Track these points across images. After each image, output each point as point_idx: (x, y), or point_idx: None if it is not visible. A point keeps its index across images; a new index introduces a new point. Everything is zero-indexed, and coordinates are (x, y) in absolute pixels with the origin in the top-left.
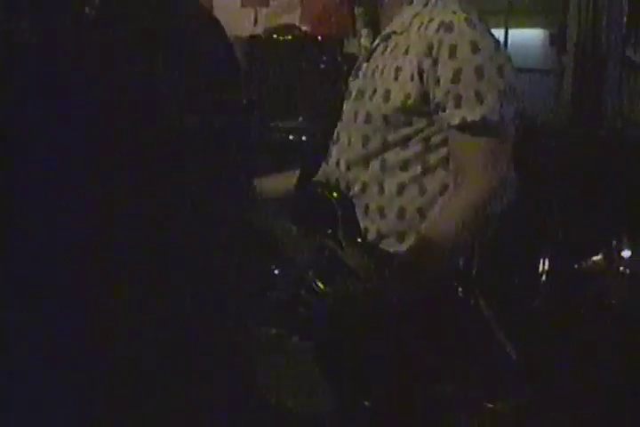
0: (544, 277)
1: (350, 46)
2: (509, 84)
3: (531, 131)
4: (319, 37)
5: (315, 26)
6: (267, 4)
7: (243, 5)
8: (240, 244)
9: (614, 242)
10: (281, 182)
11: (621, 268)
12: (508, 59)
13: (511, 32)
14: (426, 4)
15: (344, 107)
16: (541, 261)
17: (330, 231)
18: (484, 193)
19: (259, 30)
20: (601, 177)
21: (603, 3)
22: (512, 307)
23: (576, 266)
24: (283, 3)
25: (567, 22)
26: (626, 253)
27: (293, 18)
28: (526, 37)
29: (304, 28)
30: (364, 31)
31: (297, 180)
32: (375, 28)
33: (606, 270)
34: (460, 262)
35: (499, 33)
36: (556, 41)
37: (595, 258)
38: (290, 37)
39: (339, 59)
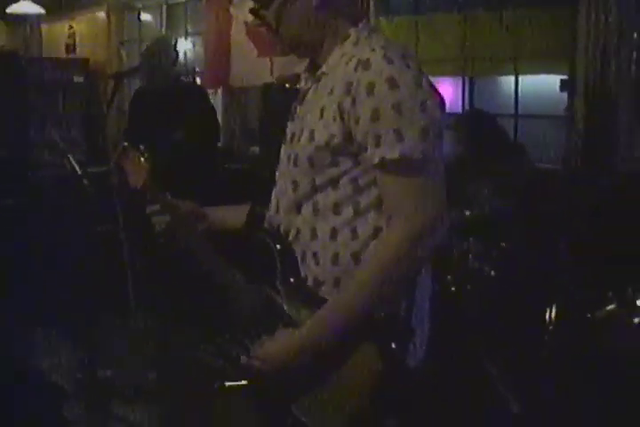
0: (551, 327)
1: None
2: (433, 120)
3: (542, 176)
4: None
5: None
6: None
7: (258, 55)
8: None
9: (629, 290)
10: (232, 217)
11: (637, 318)
12: (432, 94)
13: (522, 78)
14: (355, 44)
15: (281, 152)
16: (548, 311)
17: (271, 278)
18: (411, 235)
19: (274, 79)
20: (614, 222)
21: (610, 46)
22: (518, 357)
23: (588, 315)
24: None
25: (576, 67)
26: None
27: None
28: (537, 83)
29: None
30: (304, 75)
31: (244, 224)
32: (312, 71)
33: (620, 320)
34: (403, 306)
35: (509, 80)
36: (567, 86)
37: (608, 307)
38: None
39: None
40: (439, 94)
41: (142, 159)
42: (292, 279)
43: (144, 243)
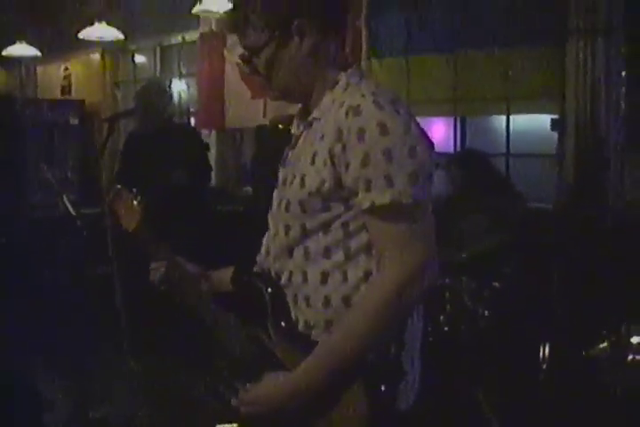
0: (545, 366)
1: None
2: (422, 165)
3: (534, 215)
4: None
5: None
6: None
7: (252, 97)
8: None
9: (623, 328)
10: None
11: (630, 355)
12: (421, 139)
13: (513, 118)
14: (345, 89)
15: (274, 196)
16: (542, 348)
17: (262, 322)
18: (399, 280)
19: (267, 121)
20: (609, 260)
21: (599, 85)
22: (512, 395)
23: (583, 353)
24: None
25: (566, 107)
26: (635, 340)
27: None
28: (528, 123)
29: None
30: (295, 121)
31: (233, 270)
32: (304, 117)
33: (613, 357)
34: (392, 348)
35: (500, 119)
36: (557, 125)
37: (602, 345)
38: None
39: None
40: (429, 139)
41: (135, 202)
42: (282, 323)
43: (137, 284)
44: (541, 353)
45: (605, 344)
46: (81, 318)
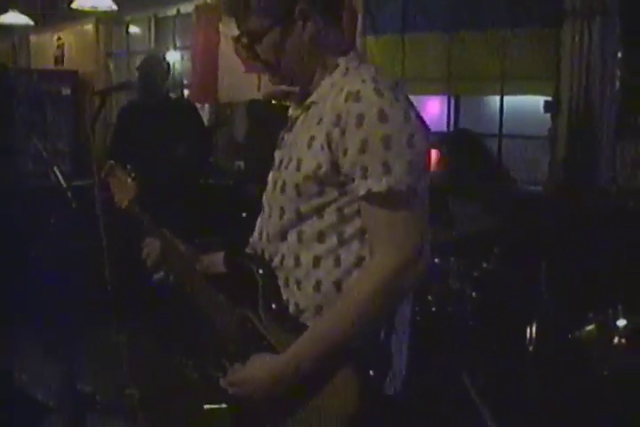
0: (531, 348)
1: None
2: (420, 154)
3: (525, 198)
4: None
5: None
6: None
7: (245, 71)
8: None
9: (610, 311)
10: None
11: (616, 338)
12: (419, 127)
13: (506, 99)
14: (345, 74)
15: (269, 178)
16: (528, 331)
17: (253, 303)
18: (393, 267)
19: (261, 95)
20: (596, 244)
21: (595, 70)
22: (498, 377)
23: (569, 335)
24: None
25: (560, 89)
26: (621, 323)
27: None
28: (521, 104)
29: None
30: (293, 104)
31: (226, 251)
32: (302, 100)
33: (600, 340)
34: (382, 334)
35: (494, 99)
36: (550, 107)
37: (588, 327)
38: (288, 103)
39: None
40: (426, 126)
41: (129, 179)
42: (273, 305)
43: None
44: (528, 335)
45: (592, 327)
46: (71, 291)
